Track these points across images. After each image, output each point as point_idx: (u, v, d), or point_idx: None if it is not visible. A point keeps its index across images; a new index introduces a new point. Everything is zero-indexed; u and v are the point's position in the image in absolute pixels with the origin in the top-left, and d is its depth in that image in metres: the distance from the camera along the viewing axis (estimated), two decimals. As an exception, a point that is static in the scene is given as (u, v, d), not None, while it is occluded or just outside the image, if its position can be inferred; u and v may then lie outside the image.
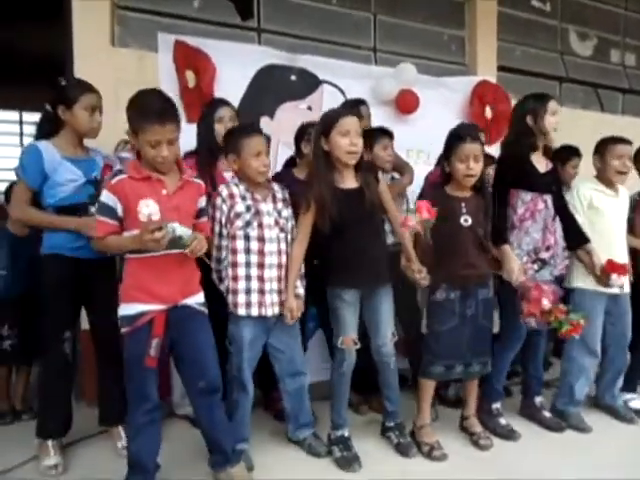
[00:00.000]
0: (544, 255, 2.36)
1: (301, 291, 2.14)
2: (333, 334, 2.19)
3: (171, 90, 2.79)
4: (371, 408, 2.66)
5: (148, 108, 1.72)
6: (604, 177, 2.55)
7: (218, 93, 2.89)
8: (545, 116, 2.32)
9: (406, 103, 3.36)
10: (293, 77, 3.21)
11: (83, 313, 2.28)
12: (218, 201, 2.04)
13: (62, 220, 2.06)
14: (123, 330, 1.79)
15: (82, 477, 2.06)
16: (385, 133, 2.71)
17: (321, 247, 2.15)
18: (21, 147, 10.06)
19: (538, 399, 2.57)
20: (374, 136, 2.63)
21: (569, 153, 3.23)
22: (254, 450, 2.14)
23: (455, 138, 2.22)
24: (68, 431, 2.20)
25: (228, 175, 2.33)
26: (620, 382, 2.69)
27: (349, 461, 2.11)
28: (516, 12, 4.26)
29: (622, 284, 2.42)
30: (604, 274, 2.38)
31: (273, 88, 3.14)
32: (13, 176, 2.36)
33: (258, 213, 2.04)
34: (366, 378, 2.47)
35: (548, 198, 2.38)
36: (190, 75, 2.85)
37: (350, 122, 2.04)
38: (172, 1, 3.06)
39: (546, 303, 2.15)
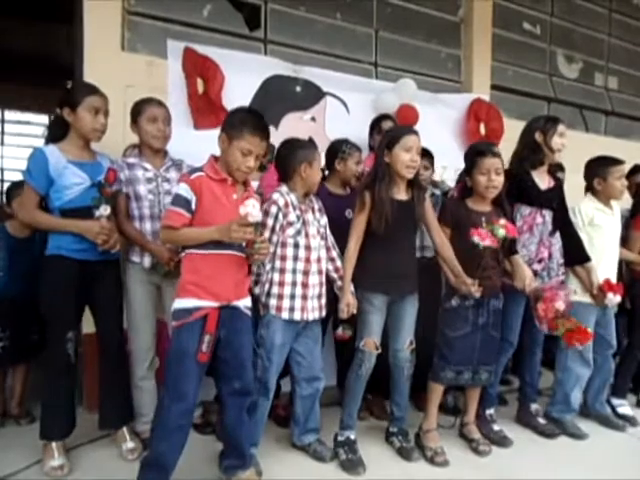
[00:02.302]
0: (536, 267, 2.46)
1: (353, 289, 2.20)
2: (356, 336, 2.26)
3: (180, 96, 2.85)
4: (372, 414, 2.71)
5: (256, 120, 1.89)
6: (605, 197, 2.68)
7: (226, 101, 2.94)
8: (554, 136, 2.45)
9: (406, 117, 3.44)
10: (298, 88, 3.28)
11: (86, 317, 2.28)
12: (273, 209, 2.09)
13: (65, 223, 2.07)
14: (174, 323, 1.81)
15: (88, 479, 2.05)
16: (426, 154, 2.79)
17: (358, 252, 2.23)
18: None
19: (534, 406, 2.67)
20: None
21: None
22: (260, 455, 2.16)
23: (476, 153, 2.34)
24: (72, 432, 2.19)
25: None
26: (607, 390, 2.80)
27: (354, 464, 2.16)
28: (509, 34, 4.42)
29: (617, 302, 2.53)
30: (601, 292, 2.51)
31: (278, 98, 3.20)
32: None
33: (305, 223, 2.14)
34: (369, 385, 2.53)
35: (547, 213, 2.50)
36: (199, 82, 2.89)
37: (413, 140, 2.18)
38: (182, 9, 3.09)
39: (561, 303, 2.26)
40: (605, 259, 2.65)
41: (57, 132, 2.14)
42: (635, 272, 2.95)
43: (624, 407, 2.85)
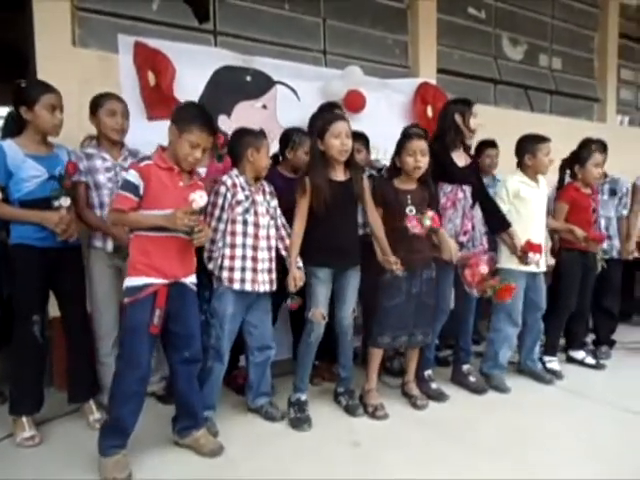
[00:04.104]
0: (462, 239, 2.71)
1: (301, 264, 2.40)
2: (305, 308, 2.47)
3: (132, 90, 2.96)
4: (324, 379, 2.95)
5: (204, 116, 2.04)
6: (533, 171, 2.93)
7: (177, 93, 3.08)
8: (470, 117, 2.68)
9: (353, 103, 3.63)
10: (248, 78, 3.42)
11: (54, 302, 2.43)
12: (222, 189, 2.30)
13: (26, 214, 2.21)
14: (126, 300, 1.98)
15: (58, 448, 2.22)
16: (359, 137, 2.96)
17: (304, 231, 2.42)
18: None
19: (465, 367, 2.96)
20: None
21: (485, 145, 3.64)
22: (218, 419, 2.38)
23: (404, 136, 2.56)
24: (41, 408, 2.35)
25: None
26: (537, 348, 3.10)
27: (301, 421, 2.40)
28: (454, 19, 4.61)
29: (538, 260, 2.82)
30: (523, 253, 2.78)
31: (229, 88, 3.33)
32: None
33: (254, 202, 2.34)
34: (320, 351, 2.75)
35: (467, 189, 2.73)
36: (150, 75, 3.01)
37: (341, 126, 2.38)
38: (131, 3, 3.19)
39: (484, 267, 2.52)
40: (532, 228, 2.92)
41: (13, 128, 2.27)
42: (561, 241, 3.23)
43: (553, 363, 3.16)
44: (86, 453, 2.09)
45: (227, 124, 3.32)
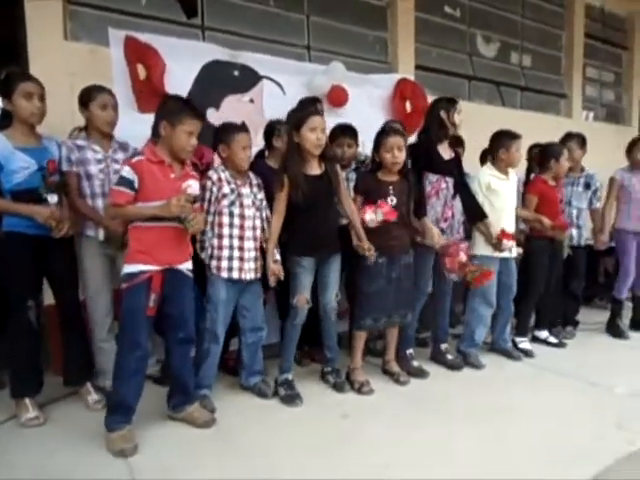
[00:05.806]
0: (442, 225, 2.91)
1: (278, 257, 2.55)
2: (290, 294, 2.60)
3: (123, 83, 3.04)
4: (313, 360, 3.12)
5: (192, 105, 2.16)
6: (504, 165, 3.14)
7: (167, 86, 3.16)
8: (455, 114, 2.88)
9: (337, 97, 3.78)
10: (236, 72, 3.53)
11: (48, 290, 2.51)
12: (208, 184, 2.42)
13: (17, 207, 2.27)
14: (124, 285, 2.10)
15: (60, 427, 2.32)
16: (346, 131, 3.09)
17: (287, 223, 2.55)
18: None
19: (443, 346, 3.18)
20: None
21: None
22: (214, 398, 2.51)
23: (382, 133, 2.71)
24: (40, 390, 2.44)
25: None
26: (509, 328, 3.34)
27: (292, 398, 2.56)
28: (431, 17, 4.80)
29: (511, 247, 3.06)
30: (498, 241, 3.01)
31: (218, 82, 3.44)
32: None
33: (240, 195, 2.46)
34: (309, 335, 2.92)
35: (449, 180, 2.93)
36: (141, 68, 3.09)
37: (317, 120, 2.49)
38: (121, -2, 3.26)
39: (462, 255, 2.73)
40: (504, 217, 3.15)
41: (2, 121, 2.33)
42: (531, 230, 3.45)
43: (524, 343, 3.41)
44: (87, 431, 2.21)
45: (216, 117, 3.43)
